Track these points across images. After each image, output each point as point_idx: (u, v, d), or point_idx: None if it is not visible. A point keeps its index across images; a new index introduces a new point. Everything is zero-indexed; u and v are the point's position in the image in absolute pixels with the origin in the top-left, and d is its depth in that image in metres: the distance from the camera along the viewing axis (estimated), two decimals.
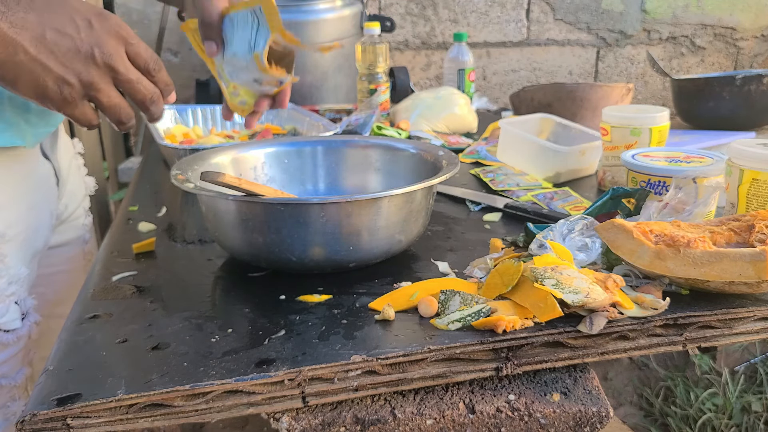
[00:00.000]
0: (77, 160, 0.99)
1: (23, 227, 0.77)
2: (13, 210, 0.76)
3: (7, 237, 0.74)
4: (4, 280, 0.75)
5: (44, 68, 0.57)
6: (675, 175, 0.77)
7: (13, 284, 0.76)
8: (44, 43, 0.57)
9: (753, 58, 2.22)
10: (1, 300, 0.75)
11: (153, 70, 0.64)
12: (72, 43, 0.58)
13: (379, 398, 0.51)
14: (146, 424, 0.47)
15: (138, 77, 0.62)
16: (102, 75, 0.60)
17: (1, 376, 0.78)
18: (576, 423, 0.50)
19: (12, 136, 0.72)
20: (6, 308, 0.75)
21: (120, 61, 0.60)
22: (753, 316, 0.56)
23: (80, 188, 0.98)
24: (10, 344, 0.77)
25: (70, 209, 0.95)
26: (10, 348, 0.77)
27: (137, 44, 0.62)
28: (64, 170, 0.90)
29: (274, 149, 0.86)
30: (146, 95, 0.63)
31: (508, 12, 2.09)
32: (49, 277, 0.91)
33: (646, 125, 0.93)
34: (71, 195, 0.94)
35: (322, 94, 1.60)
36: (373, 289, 0.64)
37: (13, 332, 0.77)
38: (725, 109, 1.33)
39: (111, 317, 0.60)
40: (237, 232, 0.67)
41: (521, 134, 1.08)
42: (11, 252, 0.75)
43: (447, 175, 0.69)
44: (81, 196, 0.99)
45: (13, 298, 0.76)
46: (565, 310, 0.53)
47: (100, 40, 0.59)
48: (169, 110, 1.31)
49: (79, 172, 0.99)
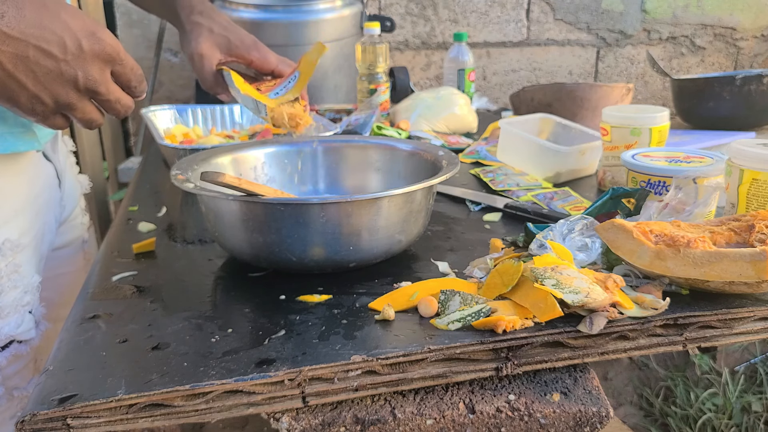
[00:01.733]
0: (70, 158, 0.98)
1: (33, 234, 0.76)
2: (25, 216, 0.75)
3: (21, 246, 0.73)
4: (19, 290, 0.73)
5: (19, 85, 0.57)
6: (675, 175, 0.77)
7: (28, 294, 0.75)
8: (25, 62, 0.56)
9: (753, 58, 2.22)
10: (16, 311, 0.73)
11: (134, 88, 0.64)
12: (55, 66, 0.57)
13: (379, 398, 0.51)
14: (146, 424, 0.47)
15: (117, 97, 0.63)
16: (80, 97, 0.60)
17: (14, 387, 0.77)
18: (576, 423, 0.50)
19: (32, 140, 0.71)
20: (21, 318, 0.74)
21: (103, 84, 0.61)
22: (753, 316, 0.56)
23: (76, 187, 0.98)
24: (23, 356, 0.76)
25: (69, 209, 0.94)
26: (23, 359, 0.77)
27: (124, 64, 0.62)
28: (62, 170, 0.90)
29: (274, 149, 0.86)
30: (121, 111, 0.64)
31: (508, 12, 2.09)
32: (53, 280, 0.90)
33: (646, 125, 0.93)
34: (69, 195, 0.94)
35: (322, 94, 1.60)
36: (373, 289, 0.64)
37: (27, 342, 0.76)
38: (725, 109, 1.33)
39: (111, 317, 0.60)
40: (237, 232, 0.67)
41: (521, 134, 1.08)
42: (25, 260, 0.74)
43: (447, 175, 0.69)
44: (77, 195, 0.98)
45: (27, 308, 0.75)
46: (565, 310, 0.53)
47: (86, 65, 0.59)
48: (169, 110, 1.31)
49: (72, 170, 0.98)
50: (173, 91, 2.07)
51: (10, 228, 0.72)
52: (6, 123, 0.68)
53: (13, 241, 0.72)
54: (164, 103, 1.77)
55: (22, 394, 0.78)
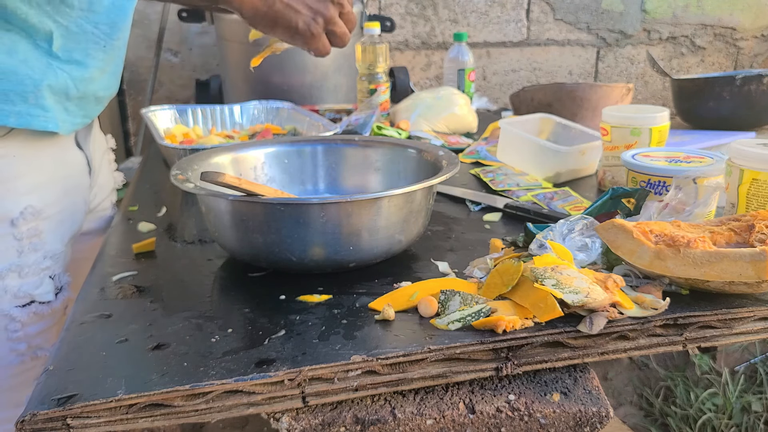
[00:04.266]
0: (109, 155, 1.03)
1: (59, 209, 0.80)
2: (50, 191, 0.79)
3: (44, 214, 0.77)
4: (39, 254, 0.77)
5: (296, 12, 0.77)
6: (675, 175, 0.77)
7: (48, 259, 0.78)
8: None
9: (753, 58, 2.22)
10: (36, 273, 0.77)
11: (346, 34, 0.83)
12: None
13: (379, 398, 0.51)
14: (146, 424, 0.47)
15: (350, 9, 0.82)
16: (335, 10, 0.79)
17: (37, 347, 0.80)
18: (576, 423, 0.50)
19: (46, 121, 0.74)
20: (40, 281, 0.78)
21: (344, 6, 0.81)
22: (753, 316, 0.56)
23: (109, 182, 1.02)
24: (45, 316, 0.79)
25: (98, 199, 0.98)
26: (45, 320, 0.79)
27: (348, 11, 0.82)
28: (96, 162, 0.93)
29: (274, 149, 0.86)
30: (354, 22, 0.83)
31: (508, 12, 2.09)
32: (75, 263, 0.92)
33: (646, 125, 0.93)
34: (101, 187, 0.98)
35: (322, 94, 1.60)
36: (373, 289, 0.64)
37: (47, 304, 0.79)
38: (725, 109, 1.33)
39: (111, 317, 0.60)
40: (237, 232, 0.67)
41: (521, 134, 1.08)
42: (48, 229, 0.78)
43: (447, 175, 0.69)
44: (109, 189, 1.02)
45: (47, 272, 0.79)
46: (565, 310, 0.53)
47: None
48: (169, 110, 1.31)
49: (110, 166, 1.03)
50: (173, 91, 2.07)
51: (32, 197, 0.76)
52: (26, 103, 0.72)
53: (35, 208, 0.76)
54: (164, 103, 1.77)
55: (46, 355, 0.80)
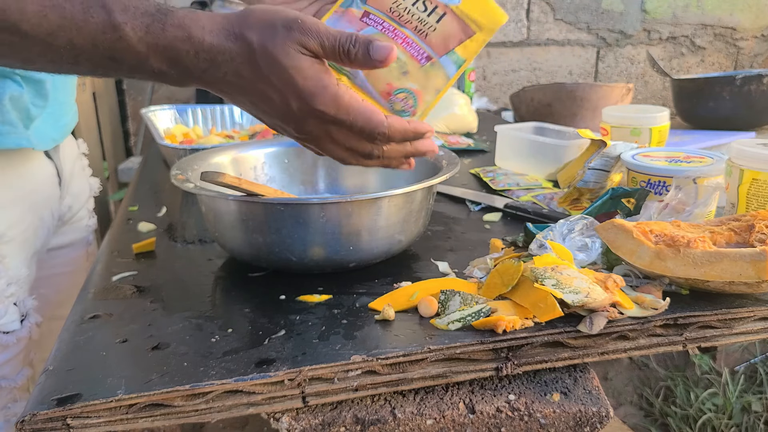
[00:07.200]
0: (81, 160, 0.99)
1: (23, 227, 0.77)
2: (15, 210, 0.76)
3: (6, 238, 0.74)
4: (3, 281, 0.74)
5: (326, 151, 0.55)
6: (675, 175, 0.77)
7: (13, 285, 0.76)
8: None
9: (753, 58, 2.22)
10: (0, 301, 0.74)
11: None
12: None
13: (379, 398, 0.51)
14: (146, 424, 0.47)
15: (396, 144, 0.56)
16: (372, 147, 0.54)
17: (1, 377, 0.78)
18: (576, 423, 0.50)
19: (17, 138, 0.72)
20: (5, 309, 0.75)
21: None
22: (753, 316, 0.56)
23: (84, 189, 0.98)
24: (10, 346, 0.77)
25: (74, 210, 0.94)
26: (10, 349, 0.77)
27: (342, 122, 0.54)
28: (67, 171, 0.90)
29: (274, 149, 0.86)
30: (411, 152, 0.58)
31: (508, 12, 2.09)
32: (52, 278, 0.90)
33: (646, 125, 0.93)
34: (75, 196, 0.94)
35: None
36: (373, 289, 0.64)
37: (12, 333, 0.77)
38: (725, 109, 1.33)
39: (111, 317, 0.60)
40: (237, 232, 0.67)
41: (520, 135, 1.08)
42: (11, 253, 0.75)
43: (447, 175, 0.69)
44: (85, 197, 0.98)
45: (12, 299, 0.76)
46: (565, 310, 0.53)
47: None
48: (169, 110, 1.31)
49: (83, 173, 0.98)
50: (173, 91, 2.07)
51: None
52: None
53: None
54: (164, 103, 1.77)
55: (10, 385, 0.79)
